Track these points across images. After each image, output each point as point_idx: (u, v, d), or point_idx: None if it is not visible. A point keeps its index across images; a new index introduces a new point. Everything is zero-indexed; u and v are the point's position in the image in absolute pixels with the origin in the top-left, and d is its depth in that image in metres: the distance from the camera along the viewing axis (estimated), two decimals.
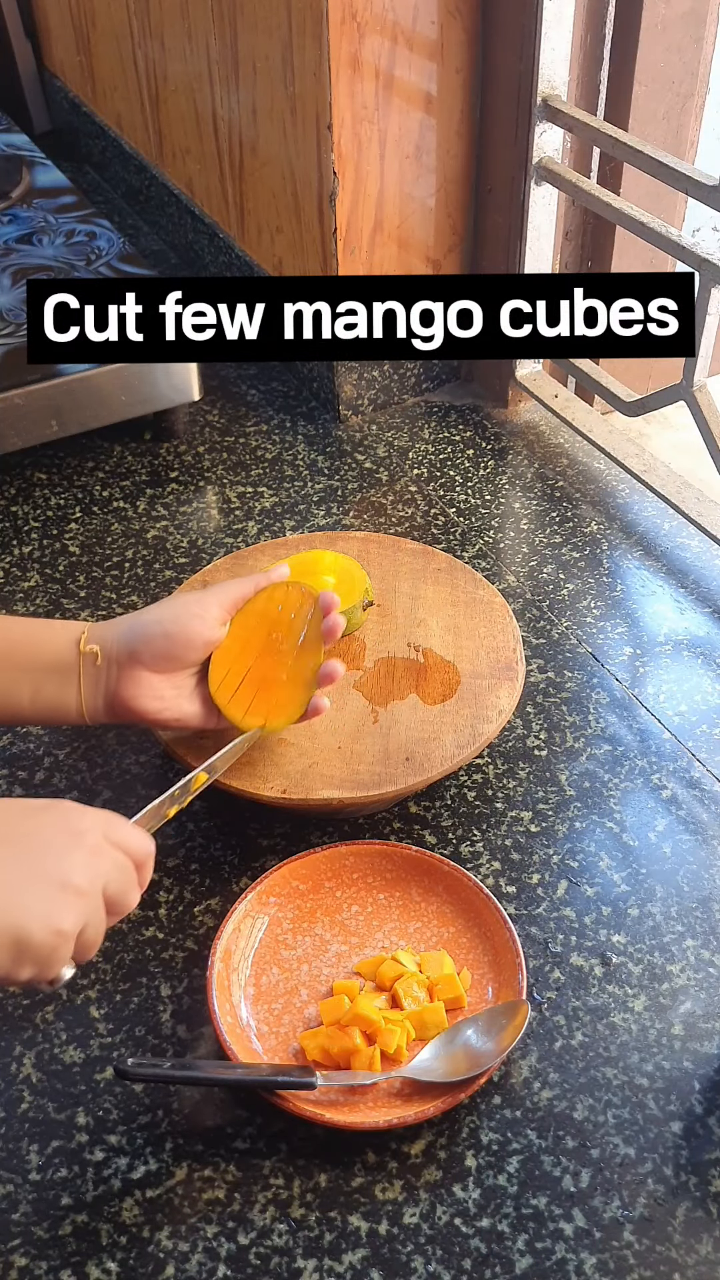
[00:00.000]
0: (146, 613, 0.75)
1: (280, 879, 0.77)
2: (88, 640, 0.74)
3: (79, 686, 0.73)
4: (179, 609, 0.75)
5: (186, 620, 0.74)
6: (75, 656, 0.73)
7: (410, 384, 1.28)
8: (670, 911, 0.78)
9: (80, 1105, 0.69)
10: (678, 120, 1.19)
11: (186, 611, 0.75)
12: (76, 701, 0.74)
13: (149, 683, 0.73)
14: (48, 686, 0.73)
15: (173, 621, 0.74)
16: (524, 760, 0.89)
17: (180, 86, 1.38)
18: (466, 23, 1.09)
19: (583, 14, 1.09)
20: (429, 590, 0.94)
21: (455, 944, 0.75)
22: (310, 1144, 0.67)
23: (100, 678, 0.73)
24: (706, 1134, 0.67)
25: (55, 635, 0.74)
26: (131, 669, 0.73)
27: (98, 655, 0.73)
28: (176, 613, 0.75)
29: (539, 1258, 0.62)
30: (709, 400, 1.03)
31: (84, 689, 0.73)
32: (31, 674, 0.73)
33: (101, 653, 0.73)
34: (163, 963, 0.76)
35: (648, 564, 1.07)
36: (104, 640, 0.74)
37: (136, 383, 1.15)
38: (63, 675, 0.73)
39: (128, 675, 0.73)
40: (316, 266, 1.19)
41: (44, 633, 0.75)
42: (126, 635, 0.74)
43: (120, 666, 0.73)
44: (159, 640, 0.73)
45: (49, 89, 1.89)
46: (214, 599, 0.76)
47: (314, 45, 1.05)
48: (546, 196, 1.14)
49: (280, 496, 1.16)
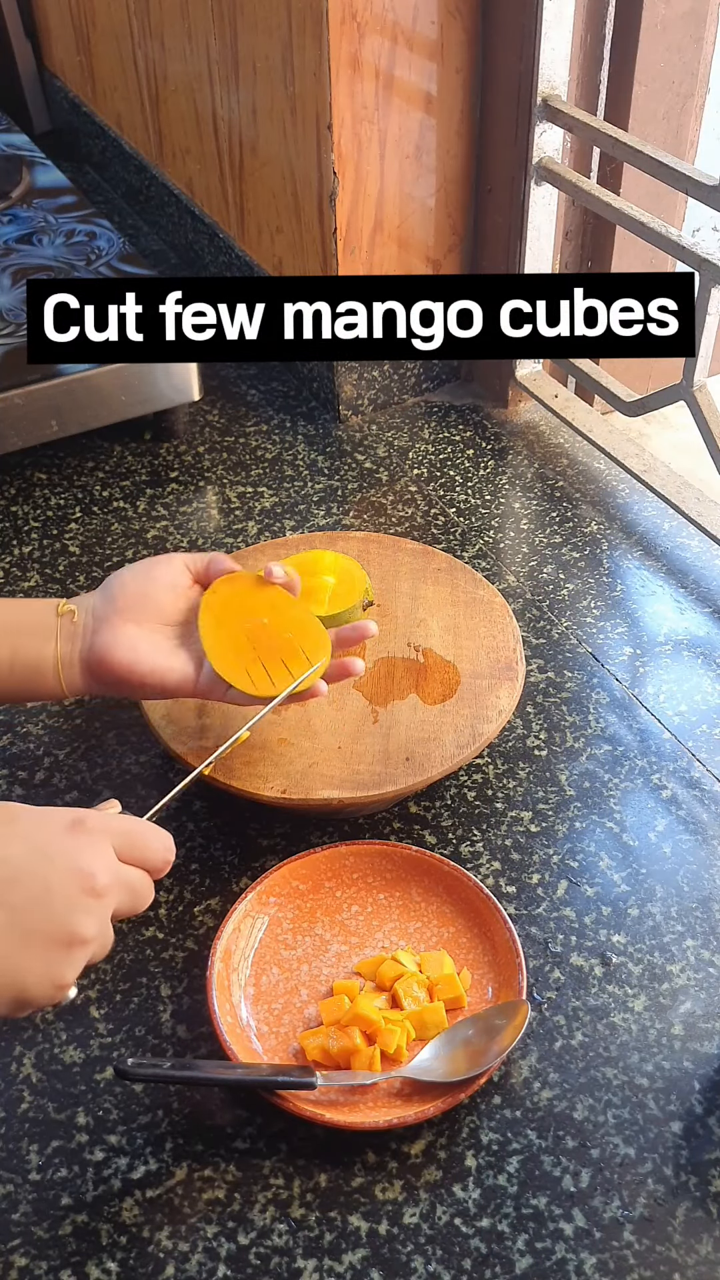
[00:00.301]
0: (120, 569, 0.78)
1: (280, 879, 0.77)
2: (66, 604, 0.75)
3: (56, 647, 0.74)
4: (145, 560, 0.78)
5: (151, 563, 0.77)
6: (54, 620, 0.75)
7: (410, 384, 1.28)
8: (670, 911, 0.78)
9: (80, 1105, 0.69)
10: (678, 120, 1.19)
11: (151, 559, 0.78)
12: (54, 664, 0.74)
13: (123, 632, 0.74)
14: (26, 648, 0.74)
15: (138, 565, 0.77)
16: (524, 760, 0.89)
17: (180, 86, 1.38)
18: (466, 23, 1.09)
19: (583, 14, 1.09)
20: (429, 590, 0.94)
21: (455, 944, 0.75)
22: (310, 1144, 0.67)
23: (77, 634, 0.74)
24: (706, 1134, 0.67)
25: (35, 603, 0.76)
26: (107, 618, 0.74)
27: (74, 613, 0.75)
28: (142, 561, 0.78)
29: (539, 1258, 0.62)
30: (709, 400, 1.03)
31: (61, 649, 0.74)
32: (10, 635, 0.74)
33: (79, 610, 0.75)
34: (163, 963, 0.76)
35: (648, 564, 1.07)
36: (81, 601, 0.76)
37: (136, 383, 1.15)
38: (40, 636, 0.74)
39: (104, 626, 0.74)
40: (316, 266, 1.19)
41: (23, 601, 0.78)
42: (101, 588, 0.76)
43: (97, 618, 0.74)
44: (128, 581, 0.75)
45: (49, 89, 1.89)
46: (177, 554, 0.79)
47: (314, 45, 1.05)
48: (546, 196, 1.14)
49: (280, 496, 1.16)
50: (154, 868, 0.61)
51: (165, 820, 0.85)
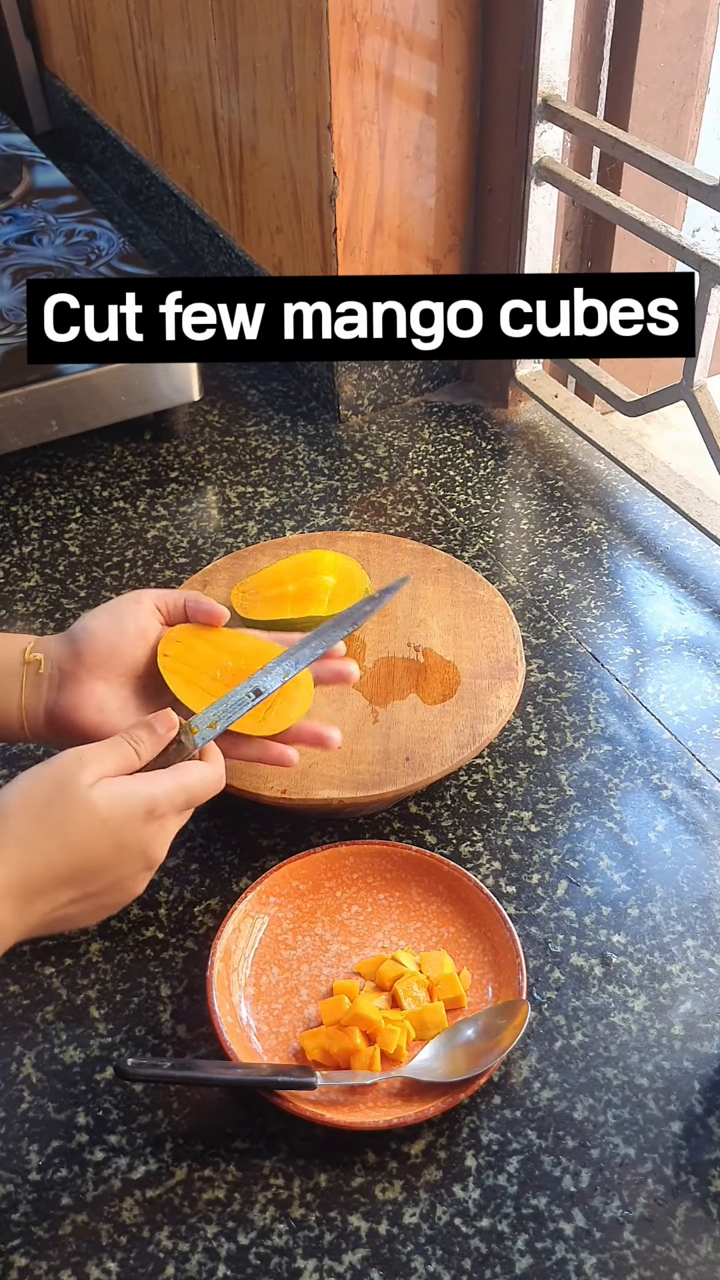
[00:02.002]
0: (87, 613, 0.76)
1: (280, 879, 0.77)
2: (33, 649, 0.73)
3: (20, 696, 0.72)
4: (111, 602, 0.75)
5: (118, 607, 0.74)
6: (19, 665, 0.72)
7: (410, 384, 1.28)
8: (670, 911, 0.78)
9: (80, 1105, 0.69)
10: (678, 120, 1.19)
11: (117, 600, 0.75)
12: (18, 711, 0.72)
13: (90, 691, 0.71)
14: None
15: (105, 611, 0.74)
16: (524, 760, 0.89)
17: (180, 86, 1.38)
18: (466, 23, 1.09)
19: (583, 14, 1.09)
20: (429, 590, 0.94)
21: (455, 944, 0.75)
22: (310, 1144, 0.67)
23: (42, 686, 0.72)
24: (706, 1134, 0.67)
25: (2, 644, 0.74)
26: (74, 674, 0.71)
27: (40, 663, 0.72)
28: (109, 605, 0.75)
29: (539, 1258, 0.62)
30: (709, 400, 1.03)
31: (25, 698, 0.72)
32: None
33: (45, 659, 0.72)
34: (163, 963, 0.76)
35: (648, 564, 1.07)
36: (47, 648, 0.73)
37: (136, 383, 1.15)
38: (5, 683, 0.72)
39: (70, 681, 0.71)
40: (316, 266, 1.19)
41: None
42: (67, 638, 0.73)
43: (64, 674, 0.72)
44: (96, 630, 0.72)
45: (49, 89, 1.89)
46: (147, 590, 0.76)
47: (314, 45, 1.05)
48: (546, 196, 1.14)
49: (280, 496, 1.16)
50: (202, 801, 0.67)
51: None
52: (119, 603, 0.75)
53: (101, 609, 0.74)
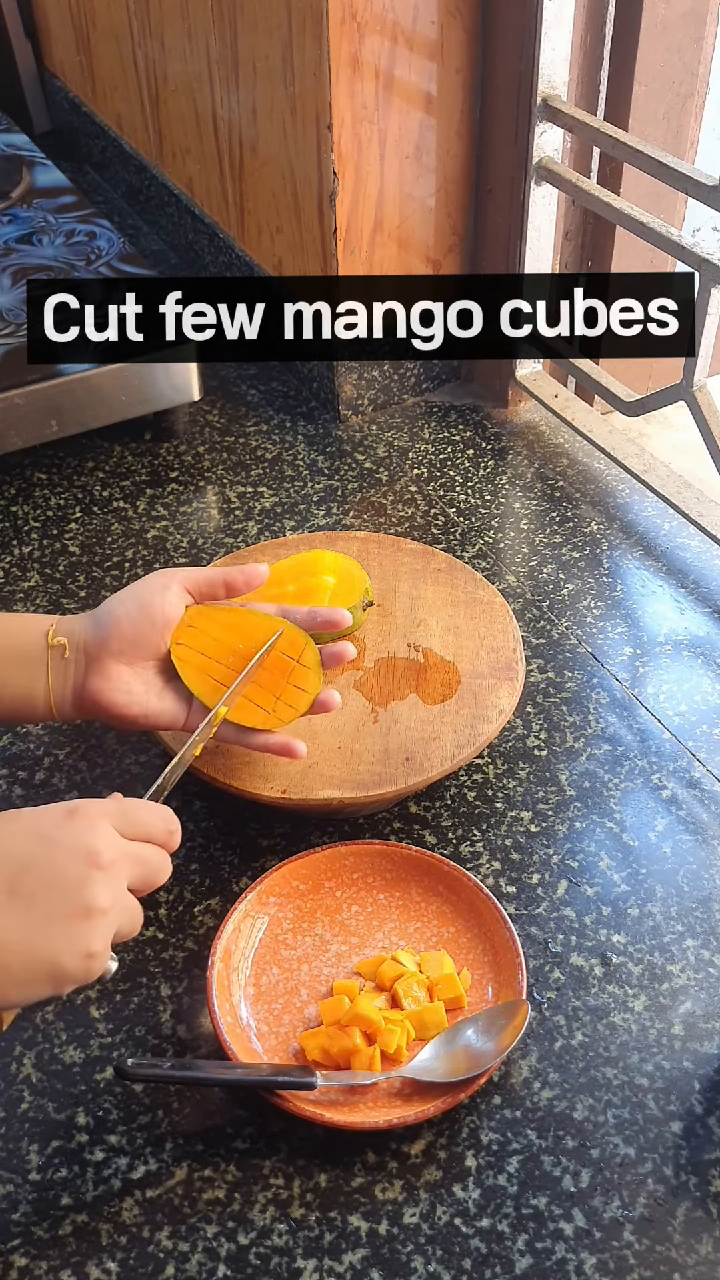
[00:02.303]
0: (111, 597, 0.75)
1: (280, 879, 0.77)
2: (56, 632, 0.73)
3: (47, 680, 0.73)
4: (139, 585, 0.75)
5: (146, 594, 0.74)
6: (44, 649, 0.73)
7: (410, 384, 1.28)
8: (670, 911, 0.78)
9: (80, 1105, 0.69)
10: (678, 120, 1.19)
11: (146, 585, 0.74)
12: (45, 695, 0.73)
13: (116, 675, 0.72)
14: (15, 679, 0.72)
15: (132, 599, 0.73)
16: (524, 760, 0.89)
17: (180, 86, 1.38)
18: (466, 23, 1.09)
19: (583, 14, 1.09)
20: (429, 590, 0.94)
21: (455, 944, 0.75)
22: (310, 1144, 0.67)
23: (68, 671, 0.72)
24: (706, 1134, 0.67)
25: (25, 627, 0.74)
26: (99, 659, 0.72)
27: (65, 648, 0.72)
28: (136, 590, 0.74)
29: (539, 1258, 0.62)
30: (709, 400, 1.03)
31: (52, 682, 0.72)
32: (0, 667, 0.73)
33: (69, 644, 0.72)
34: (163, 963, 0.76)
35: (648, 564, 1.07)
36: (72, 632, 0.73)
37: (136, 383, 1.15)
38: (31, 668, 0.72)
39: (95, 667, 0.72)
40: (316, 266, 1.19)
41: (13, 625, 0.74)
42: (92, 623, 0.73)
43: (88, 657, 0.72)
44: (122, 619, 0.72)
45: (49, 89, 1.89)
46: (178, 572, 0.76)
47: (314, 45, 1.05)
48: (546, 196, 1.14)
49: (280, 496, 1.16)
50: (159, 839, 0.63)
51: None
52: (146, 588, 0.74)
53: (128, 594, 0.74)
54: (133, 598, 0.74)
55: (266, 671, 0.75)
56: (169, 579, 0.75)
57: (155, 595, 0.74)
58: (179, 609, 0.74)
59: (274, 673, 0.75)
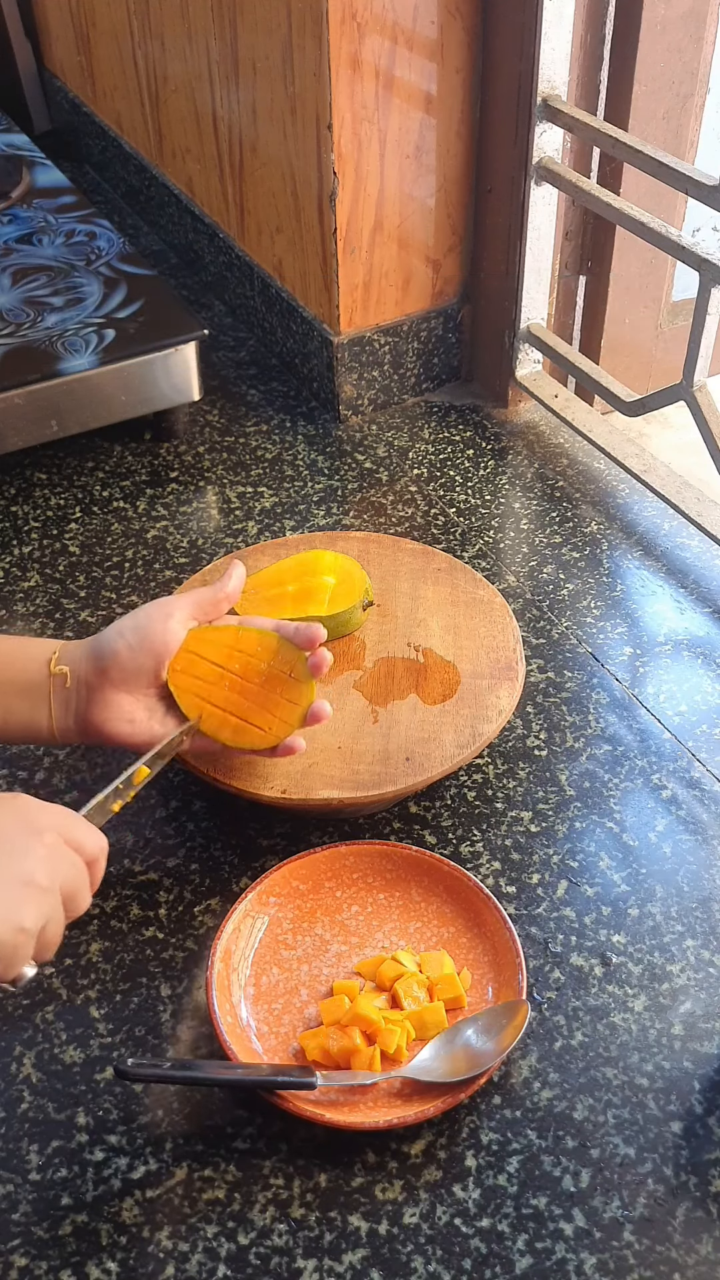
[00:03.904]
0: (112, 625, 0.75)
1: (280, 879, 0.77)
2: (58, 661, 0.73)
3: (49, 708, 0.73)
4: (140, 615, 0.74)
5: (148, 625, 0.73)
6: (46, 677, 0.73)
7: (410, 384, 1.28)
8: (670, 911, 0.78)
9: (80, 1105, 0.69)
10: (678, 120, 1.19)
11: (147, 616, 0.74)
12: (48, 723, 0.73)
13: (118, 704, 0.73)
14: (18, 708, 0.73)
15: (133, 630, 0.73)
16: (524, 760, 0.89)
17: (180, 86, 1.38)
18: (466, 23, 1.09)
19: (583, 14, 1.09)
20: (429, 590, 0.94)
21: (455, 944, 0.75)
22: (310, 1144, 0.67)
23: (70, 700, 0.73)
24: (706, 1134, 0.67)
25: (26, 654, 0.74)
26: (100, 689, 0.72)
27: (67, 677, 0.73)
28: (138, 620, 0.74)
29: (539, 1258, 0.62)
30: (709, 400, 1.03)
31: (54, 711, 0.73)
32: (2, 696, 0.73)
33: (71, 674, 0.72)
34: (163, 963, 0.76)
35: (648, 564, 1.07)
36: (73, 660, 0.73)
37: (136, 383, 1.15)
38: (33, 697, 0.73)
39: (98, 697, 0.72)
40: (316, 266, 1.19)
41: (15, 651, 0.75)
42: (93, 651, 0.73)
43: (90, 688, 0.72)
44: (123, 652, 0.72)
45: (49, 89, 1.89)
46: (180, 600, 0.75)
47: (314, 45, 1.05)
48: (546, 196, 1.14)
49: (280, 496, 1.16)
50: (88, 855, 0.63)
51: (167, 820, 0.85)
52: (147, 617, 0.74)
53: (129, 622, 0.74)
54: (133, 628, 0.73)
55: (262, 688, 0.76)
56: (171, 607, 0.75)
57: (156, 625, 0.73)
58: (180, 636, 0.74)
59: (269, 689, 0.76)
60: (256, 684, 0.76)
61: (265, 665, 0.76)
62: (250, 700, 0.76)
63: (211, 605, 0.77)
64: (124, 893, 0.80)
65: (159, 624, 0.74)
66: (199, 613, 0.76)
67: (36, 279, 1.25)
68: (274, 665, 0.76)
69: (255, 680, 0.76)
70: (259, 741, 0.76)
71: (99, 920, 0.79)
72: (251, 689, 0.76)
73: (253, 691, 0.76)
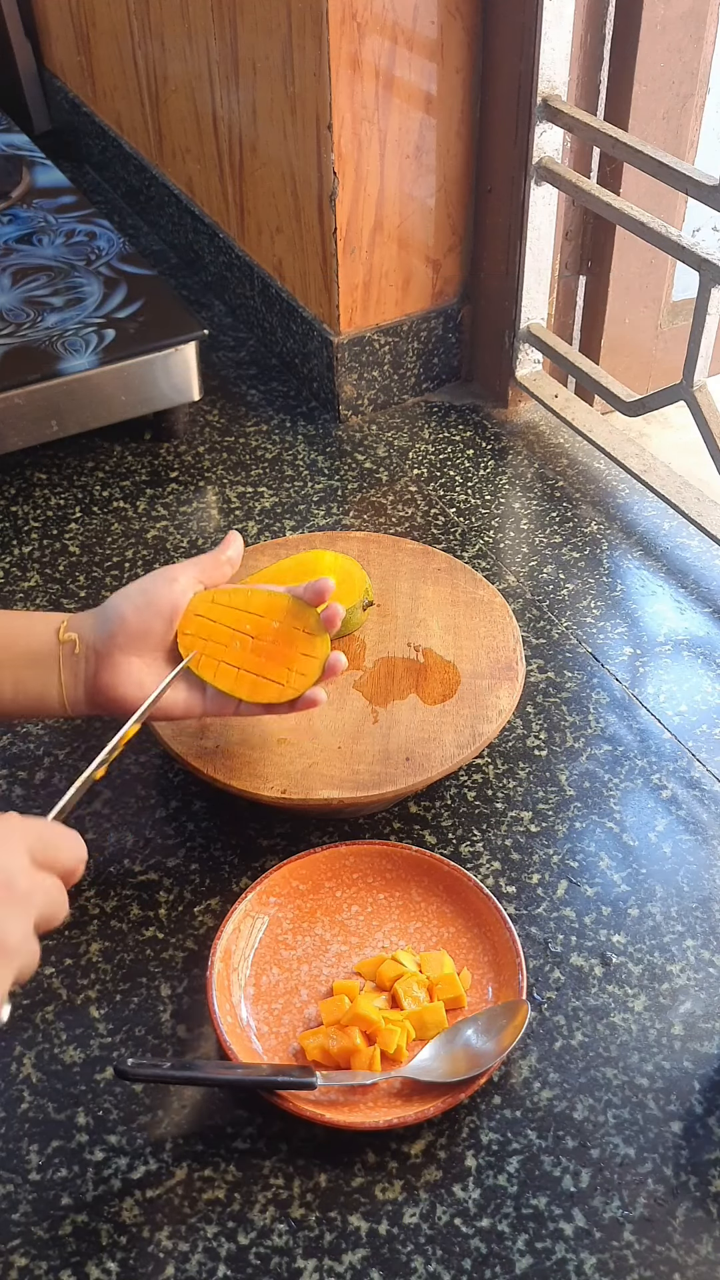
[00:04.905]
0: (118, 592, 0.75)
1: (280, 879, 0.77)
2: (66, 629, 0.73)
3: (59, 677, 0.73)
4: (146, 580, 0.74)
5: (153, 588, 0.73)
6: (54, 646, 0.73)
7: (410, 384, 1.28)
8: (670, 911, 0.78)
9: (80, 1105, 0.69)
10: (678, 120, 1.19)
11: (152, 580, 0.74)
12: (58, 692, 0.73)
13: (127, 669, 0.73)
14: (29, 678, 0.73)
15: (140, 593, 0.73)
16: (524, 760, 0.89)
17: (180, 86, 1.38)
18: (466, 23, 1.09)
19: (583, 14, 1.09)
20: (429, 590, 0.94)
21: (455, 944, 0.75)
22: (310, 1144, 0.67)
23: (79, 667, 0.73)
24: (706, 1134, 0.67)
25: (34, 626, 0.74)
26: (109, 655, 0.72)
27: (76, 643, 0.72)
28: (144, 585, 0.74)
29: (539, 1258, 0.62)
30: (709, 400, 1.03)
31: (64, 679, 0.73)
32: (12, 667, 0.73)
33: (80, 640, 0.73)
34: (163, 963, 0.76)
35: (648, 564, 1.07)
36: (81, 628, 0.73)
37: (136, 383, 1.15)
38: (43, 666, 0.73)
39: (106, 662, 0.72)
40: (316, 266, 1.19)
41: (23, 624, 0.75)
42: (100, 618, 0.73)
43: (98, 654, 0.72)
44: (130, 615, 0.72)
45: (49, 89, 1.89)
46: (184, 564, 0.75)
47: (314, 45, 1.05)
48: (546, 196, 1.14)
49: (280, 496, 1.16)
50: (65, 871, 0.60)
51: (167, 820, 0.85)
52: (153, 582, 0.74)
53: (135, 587, 0.74)
54: (139, 591, 0.74)
55: (276, 645, 0.75)
56: (176, 571, 0.75)
57: (161, 587, 0.74)
58: (187, 597, 0.74)
59: (284, 644, 0.75)
60: (270, 642, 0.75)
61: (277, 624, 0.75)
62: (265, 657, 0.75)
63: (214, 568, 0.76)
64: (124, 893, 0.80)
65: (164, 586, 0.74)
66: (203, 575, 0.76)
67: (36, 279, 1.25)
68: (286, 623, 0.75)
69: (268, 639, 0.75)
70: (277, 695, 0.75)
71: (99, 920, 0.79)
72: (265, 646, 0.75)
73: (266, 649, 0.75)
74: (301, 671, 0.75)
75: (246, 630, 0.75)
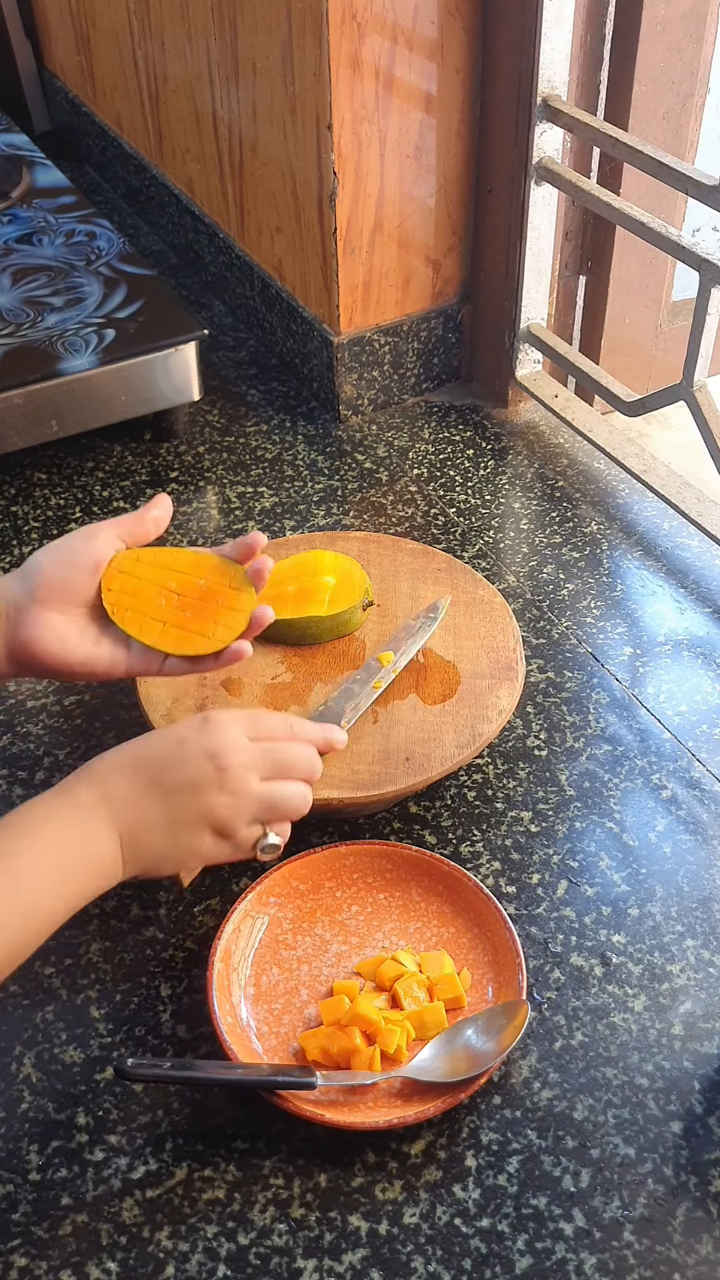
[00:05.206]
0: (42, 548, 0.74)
1: (280, 879, 0.77)
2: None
3: None
4: (66, 537, 0.74)
5: (71, 543, 0.73)
6: None
7: (410, 384, 1.28)
8: (670, 911, 0.78)
9: (80, 1105, 0.69)
10: (678, 120, 1.19)
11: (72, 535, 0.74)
12: None
13: (48, 623, 0.71)
14: None
15: (58, 548, 0.73)
16: (524, 760, 0.89)
17: (180, 86, 1.38)
18: (466, 23, 1.09)
19: (583, 14, 1.09)
20: (429, 590, 0.94)
21: (455, 944, 0.75)
22: (310, 1144, 0.67)
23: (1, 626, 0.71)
24: (706, 1134, 0.67)
25: None
26: (29, 609, 0.71)
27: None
28: (64, 540, 0.74)
29: (539, 1258, 0.62)
30: (709, 400, 1.03)
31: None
32: None
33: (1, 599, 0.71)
34: (163, 963, 0.76)
35: (648, 564, 1.07)
36: (2, 588, 0.72)
37: (136, 383, 1.15)
38: None
39: (26, 618, 0.71)
40: (316, 266, 1.19)
41: None
42: (21, 574, 0.72)
43: (19, 609, 0.71)
44: (48, 568, 0.72)
45: (49, 89, 1.89)
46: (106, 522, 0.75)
47: (314, 45, 1.05)
48: (546, 196, 1.14)
49: (280, 496, 1.16)
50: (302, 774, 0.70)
51: None
52: (73, 538, 0.73)
53: (56, 544, 0.73)
54: (59, 545, 0.73)
55: (202, 601, 0.75)
56: (96, 528, 0.74)
57: (79, 542, 0.73)
58: (108, 552, 0.73)
59: (210, 600, 0.74)
60: (195, 598, 0.74)
61: (203, 581, 0.75)
62: (190, 613, 0.74)
63: (137, 525, 0.75)
64: (124, 893, 0.80)
65: (84, 541, 0.73)
66: (124, 533, 0.75)
67: (36, 279, 1.25)
68: (211, 579, 0.75)
69: (194, 595, 0.74)
70: (202, 647, 0.73)
71: (99, 920, 0.79)
72: (191, 602, 0.74)
73: (192, 605, 0.74)
74: (227, 625, 0.74)
75: (172, 587, 0.74)
